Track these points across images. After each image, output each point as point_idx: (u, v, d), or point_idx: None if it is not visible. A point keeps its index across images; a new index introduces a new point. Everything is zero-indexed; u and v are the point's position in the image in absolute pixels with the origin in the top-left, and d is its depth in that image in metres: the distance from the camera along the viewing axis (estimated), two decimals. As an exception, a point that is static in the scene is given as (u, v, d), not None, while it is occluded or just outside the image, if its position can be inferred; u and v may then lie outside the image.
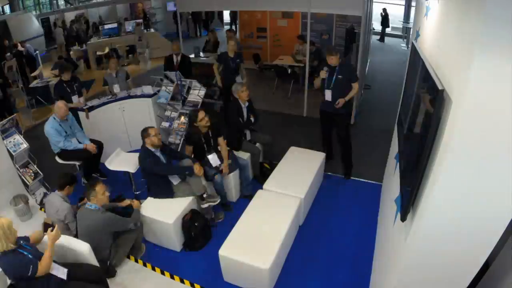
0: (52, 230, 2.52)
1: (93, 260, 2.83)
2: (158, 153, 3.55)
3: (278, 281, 3.04)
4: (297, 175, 3.83)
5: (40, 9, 15.05)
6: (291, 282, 3.06)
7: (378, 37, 12.37)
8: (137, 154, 3.63)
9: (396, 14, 13.38)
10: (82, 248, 2.77)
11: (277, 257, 2.90)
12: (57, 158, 4.23)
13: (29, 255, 2.35)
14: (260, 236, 3.02)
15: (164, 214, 3.34)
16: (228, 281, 3.06)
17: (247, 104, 4.25)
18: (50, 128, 4.04)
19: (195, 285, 3.10)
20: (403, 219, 2.01)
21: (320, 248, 3.39)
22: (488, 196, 1.50)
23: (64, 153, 4.16)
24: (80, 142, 4.22)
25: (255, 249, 2.89)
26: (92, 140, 4.32)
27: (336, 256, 3.29)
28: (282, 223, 3.16)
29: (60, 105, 4.06)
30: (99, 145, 4.37)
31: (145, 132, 3.47)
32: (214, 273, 3.11)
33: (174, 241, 3.39)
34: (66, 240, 2.79)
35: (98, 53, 9.87)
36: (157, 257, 3.39)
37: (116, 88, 5.09)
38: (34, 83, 7.64)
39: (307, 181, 3.75)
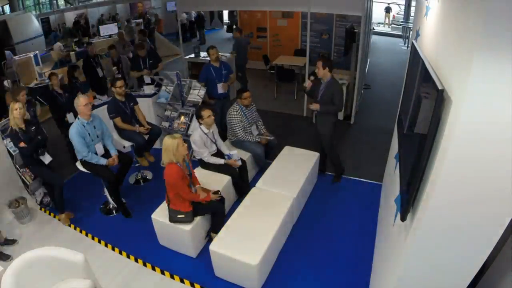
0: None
1: (88, 272, 2.67)
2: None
3: (269, 278, 3.07)
4: (290, 175, 3.84)
5: (40, 9, 15.06)
6: (283, 279, 3.08)
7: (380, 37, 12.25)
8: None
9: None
10: (76, 259, 2.60)
11: (267, 254, 2.93)
12: (78, 165, 3.79)
13: None
14: (250, 233, 3.05)
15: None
16: (219, 277, 3.10)
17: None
18: (74, 132, 3.52)
19: (185, 280, 3.12)
20: (403, 219, 2.01)
21: (320, 248, 3.39)
22: (488, 195, 1.50)
23: (87, 163, 3.70)
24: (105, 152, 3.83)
25: (245, 245, 2.93)
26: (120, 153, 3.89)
27: (336, 256, 3.29)
28: (273, 221, 3.19)
29: (81, 100, 3.53)
30: (126, 161, 3.97)
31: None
32: (206, 268, 3.16)
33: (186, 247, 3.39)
34: (59, 252, 2.63)
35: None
36: (151, 254, 3.41)
37: None
38: (33, 83, 7.65)
39: (300, 180, 3.76)
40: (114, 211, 4.05)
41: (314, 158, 4.17)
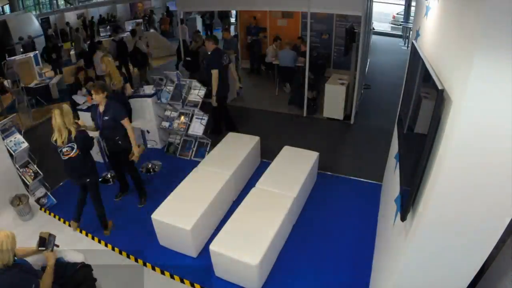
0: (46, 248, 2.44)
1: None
2: None
3: (270, 278, 3.07)
4: (290, 174, 3.84)
5: (40, 9, 15.07)
6: (283, 279, 3.08)
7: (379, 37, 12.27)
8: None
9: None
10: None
11: (267, 254, 2.93)
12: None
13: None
14: (251, 233, 3.06)
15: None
16: (220, 276, 3.10)
17: None
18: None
19: (185, 280, 3.12)
20: (403, 219, 2.01)
21: (320, 248, 3.39)
22: (488, 196, 1.50)
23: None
24: None
25: (245, 245, 2.94)
26: None
27: (335, 256, 3.29)
28: (273, 220, 3.19)
29: None
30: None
31: None
32: (206, 268, 3.15)
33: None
34: (59, 252, 2.68)
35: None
36: (151, 254, 3.40)
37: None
38: (33, 83, 7.65)
39: (300, 180, 3.76)
40: (111, 180, 4.49)
41: (314, 157, 4.17)
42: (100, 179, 4.21)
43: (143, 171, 4.72)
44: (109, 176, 4.60)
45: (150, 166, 4.79)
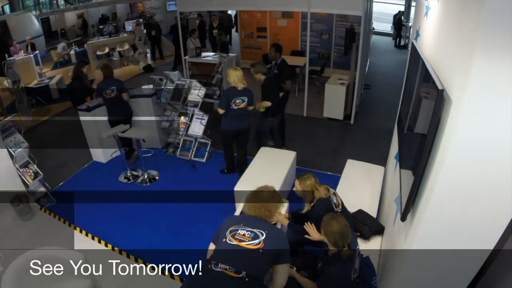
0: None
1: (88, 272, 2.59)
2: None
3: None
4: (269, 175, 3.78)
5: (40, 9, 15.04)
6: None
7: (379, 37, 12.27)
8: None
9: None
10: (76, 259, 2.56)
11: None
12: None
13: None
14: None
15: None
16: None
17: None
18: None
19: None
20: (403, 219, 2.01)
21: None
22: (488, 195, 1.50)
23: None
24: None
25: None
26: None
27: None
28: None
29: None
30: None
31: None
32: None
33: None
34: (59, 252, 2.62)
35: (98, 52, 9.87)
36: (151, 254, 3.39)
37: None
38: (33, 83, 7.65)
39: (280, 179, 3.69)
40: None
41: (292, 156, 4.17)
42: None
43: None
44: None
45: (146, 176, 4.59)
